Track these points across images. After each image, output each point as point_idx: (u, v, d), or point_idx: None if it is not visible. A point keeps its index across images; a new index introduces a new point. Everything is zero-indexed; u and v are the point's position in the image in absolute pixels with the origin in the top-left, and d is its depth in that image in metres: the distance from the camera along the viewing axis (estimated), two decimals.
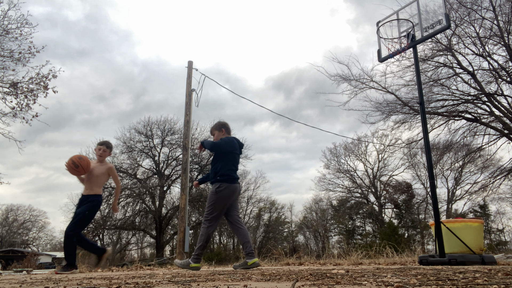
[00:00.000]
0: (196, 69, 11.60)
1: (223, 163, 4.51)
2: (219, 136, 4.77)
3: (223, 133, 4.80)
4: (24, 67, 10.81)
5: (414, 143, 15.12)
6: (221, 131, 4.80)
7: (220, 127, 4.83)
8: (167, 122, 28.01)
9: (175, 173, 28.53)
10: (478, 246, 5.24)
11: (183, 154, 11.21)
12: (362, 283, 1.98)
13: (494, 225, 33.26)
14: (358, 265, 5.44)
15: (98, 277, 3.32)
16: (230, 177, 4.49)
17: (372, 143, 32.54)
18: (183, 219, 10.16)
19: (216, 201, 4.40)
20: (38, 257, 27.74)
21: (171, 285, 2.19)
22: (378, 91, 13.31)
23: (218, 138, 4.74)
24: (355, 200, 36.41)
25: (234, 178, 4.54)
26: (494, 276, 2.25)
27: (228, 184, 4.45)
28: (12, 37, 10.69)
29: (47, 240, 48.41)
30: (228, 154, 4.55)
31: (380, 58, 6.43)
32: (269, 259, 8.00)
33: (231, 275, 2.99)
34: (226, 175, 4.47)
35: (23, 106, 10.63)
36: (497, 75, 12.41)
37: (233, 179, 4.52)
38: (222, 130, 4.81)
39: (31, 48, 10.76)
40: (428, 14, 5.86)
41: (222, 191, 4.40)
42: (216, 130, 4.84)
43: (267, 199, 38.86)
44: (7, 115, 10.83)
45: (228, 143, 4.56)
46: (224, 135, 4.78)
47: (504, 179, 14.28)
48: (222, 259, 27.26)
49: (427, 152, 5.52)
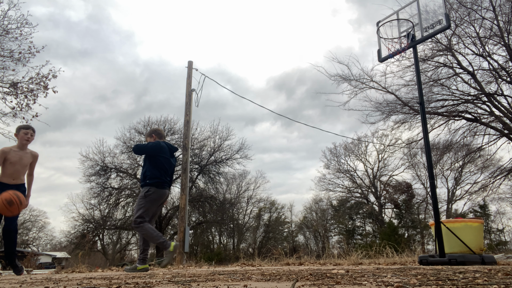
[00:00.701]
0: (196, 69, 11.61)
1: (150, 167, 4.60)
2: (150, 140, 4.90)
3: (153, 138, 4.91)
4: (24, 67, 10.80)
5: (414, 143, 15.12)
6: (151, 137, 4.93)
7: (151, 133, 4.96)
8: (167, 122, 28.00)
9: (175, 173, 28.54)
10: (478, 246, 5.24)
11: (183, 154, 11.20)
12: (362, 283, 1.98)
13: (494, 225, 33.28)
14: (358, 265, 5.44)
15: (98, 277, 3.32)
16: (160, 181, 4.57)
17: (372, 143, 32.56)
18: (183, 219, 10.16)
19: (145, 204, 4.49)
20: (38, 257, 27.75)
21: (171, 285, 2.19)
22: (378, 91, 13.32)
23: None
24: (355, 200, 36.41)
25: (163, 182, 4.61)
26: (494, 276, 2.25)
27: (156, 188, 4.53)
28: (12, 37, 10.68)
29: (47, 240, 48.40)
30: (155, 158, 4.62)
31: (380, 58, 6.44)
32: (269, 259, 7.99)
33: (231, 275, 2.99)
34: (155, 178, 4.55)
35: (23, 106, 10.62)
36: (497, 75, 12.41)
37: (162, 183, 4.60)
38: (152, 136, 4.93)
39: (31, 48, 10.75)
40: (428, 14, 5.87)
41: (151, 195, 4.50)
42: (148, 136, 4.98)
43: (267, 199, 38.88)
44: (7, 115, 10.82)
45: (153, 146, 4.63)
46: (154, 140, 4.89)
47: (504, 179, 14.28)
48: (222, 259, 27.27)
49: (427, 152, 5.52)
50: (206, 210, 28.70)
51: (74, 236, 27.12)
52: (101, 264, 30.74)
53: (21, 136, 4.75)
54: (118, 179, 27.16)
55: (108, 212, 26.80)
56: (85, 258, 10.41)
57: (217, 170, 27.79)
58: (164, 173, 4.65)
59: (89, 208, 28.42)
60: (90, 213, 28.74)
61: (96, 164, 26.00)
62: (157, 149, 4.64)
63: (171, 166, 4.82)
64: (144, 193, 4.51)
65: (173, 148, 4.91)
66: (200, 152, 27.56)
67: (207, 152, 27.77)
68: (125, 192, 26.87)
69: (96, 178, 25.86)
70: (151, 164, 4.62)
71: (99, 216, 28.23)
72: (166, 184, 4.66)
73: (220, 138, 27.72)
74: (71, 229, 27.94)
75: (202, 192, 27.49)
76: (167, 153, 4.73)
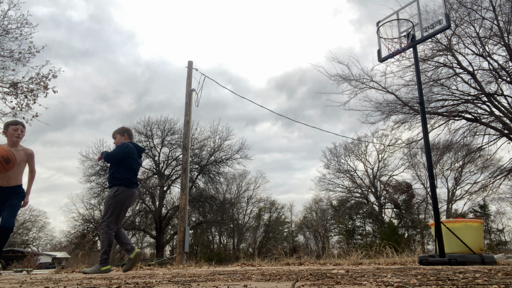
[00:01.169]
0: (196, 69, 11.61)
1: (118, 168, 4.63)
2: (120, 140, 4.89)
3: (124, 137, 4.93)
4: (24, 67, 10.81)
5: (414, 143, 15.12)
6: (123, 135, 4.94)
7: (123, 132, 4.96)
8: (167, 122, 28.01)
9: (175, 173, 28.53)
10: (478, 246, 5.24)
11: (183, 154, 11.20)
12: (362, 283, 1.98)
13: (494, 225, 33.27)
14: (358, 265, 5.44)
15: (98, 277, 3.32)
16: (128, 181, 4.61)
17: (372, 143, 32.56)
18: (183, 219, 10.16)
19: (113, 204, 4.49)
20: (38, 257, 27.75)
21: (171, 285, 2.19)
22: (378, 91, 13.32)
23: (119, 142, 4.87)
24: (355, 200, 36.40)
25: (132, 182, 4.65)
26: (494, 276, 2.25)
27: (125, 188, 4.56)
28: (12, 37, 10.69)
29: (47, 240, 48.40)
30: (124, 160, 4.65)
31: (380, 58, 6.44)
32: (269, 259, 7.99)
33: (231, 275, 2.99)
34: (124, 179, 4.58)
35: (23, 106, 10.63)
36: (497, 75, 12.40)
37: (131, 183, 4.63)
38: (124, 135, 4.94)
39: (31, 48, 10.75)
40: (428, 14, 5.87)
41: (119, 195, 4.51)
42: (119, 134, 4.96)
43: (267, 199, 38.87)
44: (7, 115, 10.83)
45: (123, 150, 4.65)
46: (125, 139, 4.91)
47: (504, 179, 14.27)
48: (222, 259, 27.26)
49: (427, 152, 5.52)
50: (206, 210, 28.71)
51: (74, 236, 27.12)
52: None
53: (10, 133, 4.39)
54: None
55: None
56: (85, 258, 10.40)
57: (217, 170, 27.80)
58: (133, 174, 4.71)
59: (89, 208, 28.43)
60: (90, 213, 28.75)
61: (96, 164, 26.02)
62: (127, 152, 4.67)
63: (138, 166, 4.87)
64: (113, 193, 4.52)
65: (140, 149, 4.95)
66: (200, 152, 27.57)
67: (207, 152, 27.79)
68: None
69: (96, 178, 25.88)
70: (120, 165, 4.65)
71: (99, 216, 28.20)
72: (135, 184, 4.70)
73: (220, 138, 27.74)
74: (71, 229, 27.95)
75: (202, 192, 27.48)
76: (135, 154, 4.78)
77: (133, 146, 4.80)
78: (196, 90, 11.40)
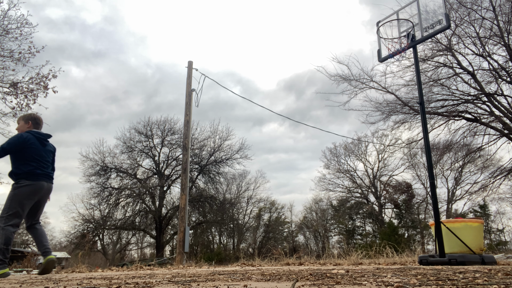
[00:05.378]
0: (196, 69, 11.63)
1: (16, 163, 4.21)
2: (23, 128, 4.48)
3: (29, 125, 4.50)
4: (24, 67, 10.82)
5: (414, 143, 15.12)
6: (27, 123, 4.50)
7: (28, 120, 4.53)
8: (167, 122, 28.03)
9: (175, 173, 28.54)
10: (478, 246, 5.24)
11: (183, 154, 11.21)
12: (362, 283, 1.98)
13: (494, 225, 33.28)
14: (358, 265, 5.44)
15: (98, 277, 3.32)
16: (31, 173, 4.19)
17: (372, 143, 32.57)
18: (183, 219, 10.16)
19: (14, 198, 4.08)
20: (38, 257, 27.71)
21: (171, 285, 2.19)
22: (378, 91, 13.32)
23: (23, 129, 4.46)
24: (355, 200, 36.41)
25: (35, 174, 4.21)
26: (494, 276, 2.25)
27: (27, 180, 4.14)
28: (12, 37, 10.70)
29: None
30: (21, 152, 4.21)
31: (380, 58, 6.44)
32: (269, 259, 7.99)
33: (231, 275, 2.99)
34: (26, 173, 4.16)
35: (23, 106, 10.63)
36: (497, 75, 12.40)
37: (36, 175, 4.21)
38: (29, 122, 4.51)
39: (31, 48, 10.76)
40: (428, 14, 5.87)
41: (20, 187, 4.10)
42: (23, 120, 4.54)
43: (267, 199, 38.89)
44: (7, 115, 10.83)
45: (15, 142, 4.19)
46: (29, 128, 4.47)
47: (504, 179, 14.27)
48: (222, 259, 27.26)
49: (427, 152, 5.52)
50: (206, 210, 28.71)
51: (74, 236, 27.12)
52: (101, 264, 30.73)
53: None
54: (118, 179, 27.22)
55: (108, 212, 26.80)
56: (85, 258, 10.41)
57: (217, 170, 27.81)
58: (37, 165, 4.24)
59: (89, 208, 28.43)
60: (90, 213, 28.75)
61: (96, 164, 26.03)
62: (19, 144, 4.19)
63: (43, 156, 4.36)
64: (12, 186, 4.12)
65: (42, 136, 4.45)
66: (200, 152, 27.58)
67: (207, 152, 27.80)
68: (125, 192, 26.88)
69: (96, 178, 25.90)
70: (18, 159, 4.21)
71: (99, 216, 28.23)
72: (42, 176, 4.26)
73: (220, 138, 27.75)
74: (71, 229, 27.94)
75: (202, 192, 27.49)
76: (34, 143, 4.29)
77: (30, 134, 4.33)
78: (196, 90, 11.41)
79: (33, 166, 4.21)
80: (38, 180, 4.21)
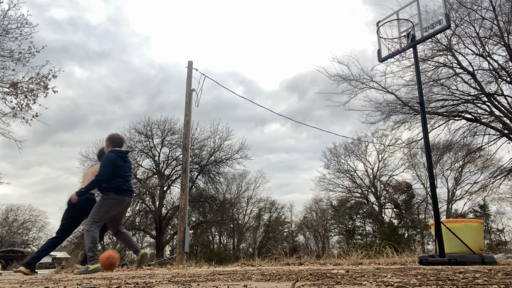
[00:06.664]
0: (196, 69, 11.64)
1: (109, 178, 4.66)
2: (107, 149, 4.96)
3: (107, 146, 4.98)
4: (24, 67, 10.82)
5: (414, 143, 15.12)
6: (106, 144, 4.99)
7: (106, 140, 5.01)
8: (167, 122, 28.03)
9: (175, 173, 28.54)
10: (478, 246, 5.24)
11: (183, 154, 11.21)
12: (362, 283, 1.98)
13: (494, 225, 33.30)
14: (358, 265, 5.44)
15: (98, 277, 3.32)
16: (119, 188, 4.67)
17: (372, 143, 32.57)
18: (183, 219, 10.16)
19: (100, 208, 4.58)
20: None
21: (171, 285, 2.19)
22: (378, 91, 13.32)
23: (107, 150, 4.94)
24: (355, 200, 36.42)
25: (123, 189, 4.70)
26: (494, 276, 2.25)
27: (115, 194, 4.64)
28: (12, 37, 10.70)
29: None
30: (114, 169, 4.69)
31: (380, 58, 6.44)
32: (269, 259, 7.99)
33: (231, 275, 2.99)
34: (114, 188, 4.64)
35: (23, 106, 10.64)
36: (497, 75, 12.40)
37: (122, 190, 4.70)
38: (106, 143, 4.99)
39: (31, 48, 10.76)
40: (428, 14, 5.87)
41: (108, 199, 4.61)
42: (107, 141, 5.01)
43: (267, 199, 38.91)
44: (7, 115, 10.83)
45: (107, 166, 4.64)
46: (108, 148, 4.94)
47: (504, 179, 14.27)
48: (222, 259, 27.27)
49: (427, 152, 5.52)
50: (206, 210, 28.72)
51: (74, 236, 27.10)
52: None
53: None
54: None
55: None
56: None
57: (217, 170, 27.81)
58: (123, 180, 4.74)
59: None
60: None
61: (96, 164, 25.99)
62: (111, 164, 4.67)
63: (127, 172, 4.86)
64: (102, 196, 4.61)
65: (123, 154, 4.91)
66: (200, 152, 27.58)
67: (207, 152, 27.80)
68: None
69: None
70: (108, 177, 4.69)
71: None
72: (126, 192, 4.75)
73: (220, 138, 27.76)
74: None
75: (202, 192, 27.49)
76: (120, 161, 4.77)
77: (114, 154, 4.79)
78: (196, 90, 11.41)
79: (121, 182, 4.71)
80: (123, 195, 4.72)
